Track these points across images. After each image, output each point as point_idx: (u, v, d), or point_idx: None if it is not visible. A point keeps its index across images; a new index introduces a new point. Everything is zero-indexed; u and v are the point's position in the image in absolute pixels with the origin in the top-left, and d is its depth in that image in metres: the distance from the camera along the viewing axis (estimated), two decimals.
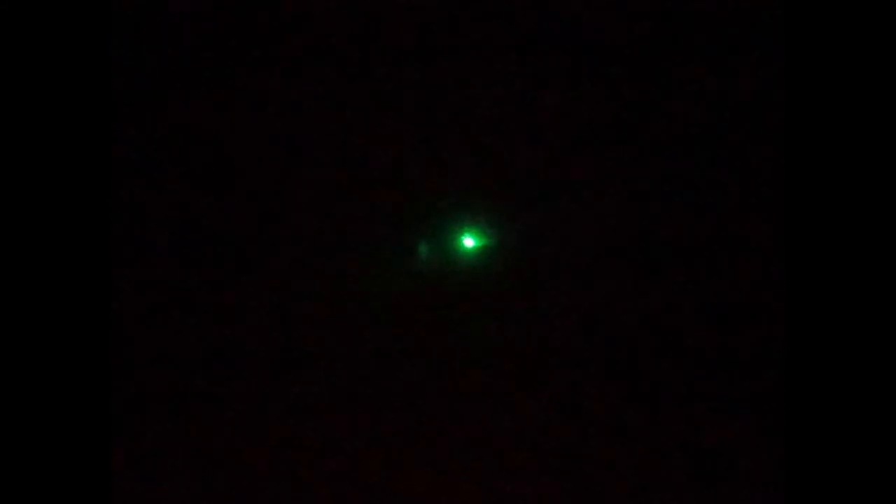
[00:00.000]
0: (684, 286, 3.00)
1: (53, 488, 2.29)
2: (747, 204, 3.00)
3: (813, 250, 2.35)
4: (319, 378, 3.00)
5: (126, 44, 3.01)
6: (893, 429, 2.27)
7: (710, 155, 3.02)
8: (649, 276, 3.01)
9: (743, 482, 2.93)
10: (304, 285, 3.02)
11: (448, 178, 3.04)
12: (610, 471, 2.95)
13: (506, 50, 3.04)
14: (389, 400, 2.99)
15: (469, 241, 3.01)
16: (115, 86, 2.98)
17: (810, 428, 2.30)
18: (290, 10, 3.04)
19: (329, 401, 2.99)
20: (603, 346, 2.99)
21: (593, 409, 2.98)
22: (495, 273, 3.03)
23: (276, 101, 3.05)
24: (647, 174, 3.02)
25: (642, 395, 2.97)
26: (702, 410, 2.96)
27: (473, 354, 3.01)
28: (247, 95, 3.05)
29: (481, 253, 3.01)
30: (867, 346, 2.29)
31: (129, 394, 2.96)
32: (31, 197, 2.35)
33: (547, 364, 2.99)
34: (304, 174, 3.04)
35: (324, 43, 3.05)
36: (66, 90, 2.39)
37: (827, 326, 2.31)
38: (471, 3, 3.04)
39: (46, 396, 2.31)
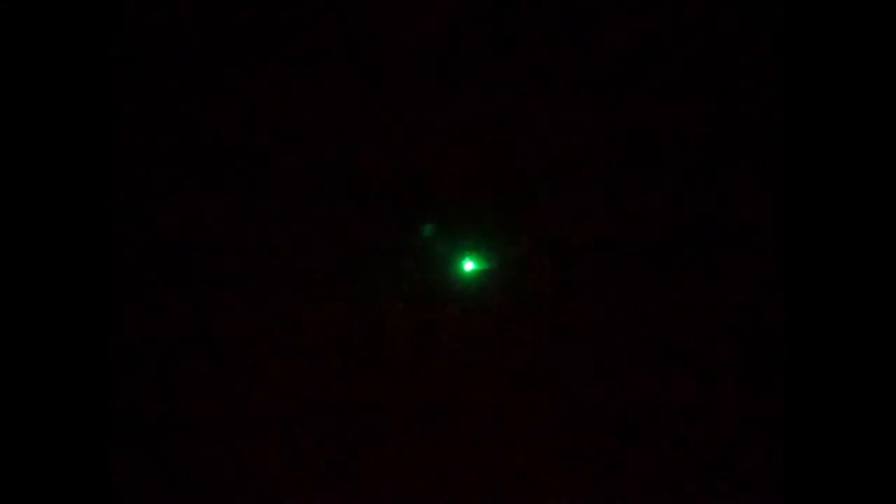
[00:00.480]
0: (684, 286, 3.00)
1: (53, 489, 2.29)
2: (748, 205, 3.00)
3: (813, 250, 2.35)
4: (320, 378, 3.00)
5: (126, 43, 3.01)
6: (893, 429, 2.27)
7: (710, 156, 3.02)
8: (650, 277, 3.00)
9: (743, 482, 2.93)
10: (305, 285, 3.02)
11: (448, 179, 3.04)
12: (610, 471, 2.95)
13: (506, 52, 3.04)
14: (390, 400, 2.99)
15: (469, 265, 3.01)
16: (115, 86, 2.98)
17: (810, 428, 2.30)
18: (289, 10, 3.04)
19: (329, 401, 2.99)
20: (603, 346, 2.99)
21: (594, 409, 2.98)
22: (494, 272, 3.03)
23: (277, 101, 3.05)
24: (647, 175, 3.02)
25: (642, 395, 2.97)
26: (702, 410, 2.96)
27: (473, 354, 3.01)
28: (247, 95, 3.05)
29: (482, 275, 3.01)
30: (867, 346, 2.29)
31: (129, 394, 2.96)
32: (32, 196, 2.35)
33: (547, 364, 2.99)
34: (305, 174, 3.04)
35: (324, 43, 3.05)
36: (67, 89, 2.39)
37: (827, 326, 2.31)
38: (471, 5, 3.05)
39: (46, 397, 2.31)
